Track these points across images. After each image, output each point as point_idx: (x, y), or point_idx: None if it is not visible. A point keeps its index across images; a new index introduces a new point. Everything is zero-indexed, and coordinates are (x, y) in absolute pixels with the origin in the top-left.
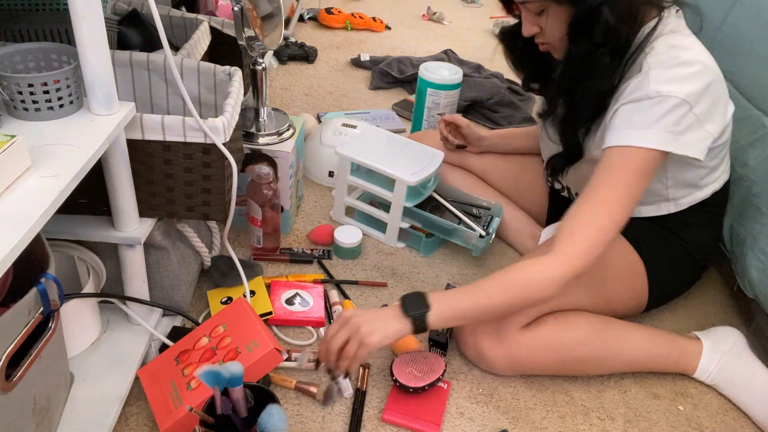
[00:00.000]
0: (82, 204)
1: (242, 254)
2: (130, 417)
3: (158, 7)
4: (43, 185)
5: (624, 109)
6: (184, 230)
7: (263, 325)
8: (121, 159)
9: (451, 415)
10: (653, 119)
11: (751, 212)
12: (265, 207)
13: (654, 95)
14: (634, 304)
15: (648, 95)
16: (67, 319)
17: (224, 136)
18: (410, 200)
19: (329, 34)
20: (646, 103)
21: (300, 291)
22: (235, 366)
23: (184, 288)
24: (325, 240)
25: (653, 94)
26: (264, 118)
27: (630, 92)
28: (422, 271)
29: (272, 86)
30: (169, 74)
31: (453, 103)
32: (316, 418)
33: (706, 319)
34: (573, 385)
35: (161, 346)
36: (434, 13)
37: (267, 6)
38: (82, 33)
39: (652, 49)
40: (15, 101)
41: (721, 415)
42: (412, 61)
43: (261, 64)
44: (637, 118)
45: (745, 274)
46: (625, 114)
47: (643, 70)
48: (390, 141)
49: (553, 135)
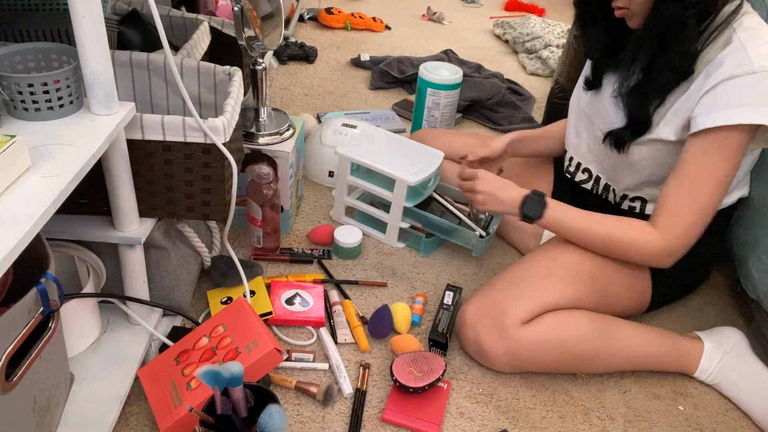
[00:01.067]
0: (82, 204)
1: (242, 254)
2: (130, 417)
3: (158, 7)
4: (43, 185)
5: (725, 87)
6: (184, 230)
7: (263, 325)
8: (121, 159)
9: (451, 415)
10: (760, 94)
11: (753, 214)
12: (265, 207)
13: (759, 70)
14: (636, 304)
15: (753, 70)
16: (67, 319)
17: (224, 136)
18: (410, 200)
19: (329, 34)
20: (751, 78)
21: (300, 291)
22: (235, 366)
23: (184, 288)
24: (325, 240)
25: (758, 69)
26: (264, 118)
27: (728, 68)
28: (422, 271)
29: (272, 86)
30: (169, 74)
31: (453, 103)
32: (316, 418)
33: (707, 319)
34: (573, 385)
35: (161, 346)
36: (434, 13)
37: (267, 6)
38: (82, 33)
39: (740, 24)
40: (15, 101)
41: (721, 415)
42: (412, 61)
43: (261, 64)
44: (742, 93)
45: (748, 276)
46: (729, 91)
47: (734, 43)
48: (390, 141)
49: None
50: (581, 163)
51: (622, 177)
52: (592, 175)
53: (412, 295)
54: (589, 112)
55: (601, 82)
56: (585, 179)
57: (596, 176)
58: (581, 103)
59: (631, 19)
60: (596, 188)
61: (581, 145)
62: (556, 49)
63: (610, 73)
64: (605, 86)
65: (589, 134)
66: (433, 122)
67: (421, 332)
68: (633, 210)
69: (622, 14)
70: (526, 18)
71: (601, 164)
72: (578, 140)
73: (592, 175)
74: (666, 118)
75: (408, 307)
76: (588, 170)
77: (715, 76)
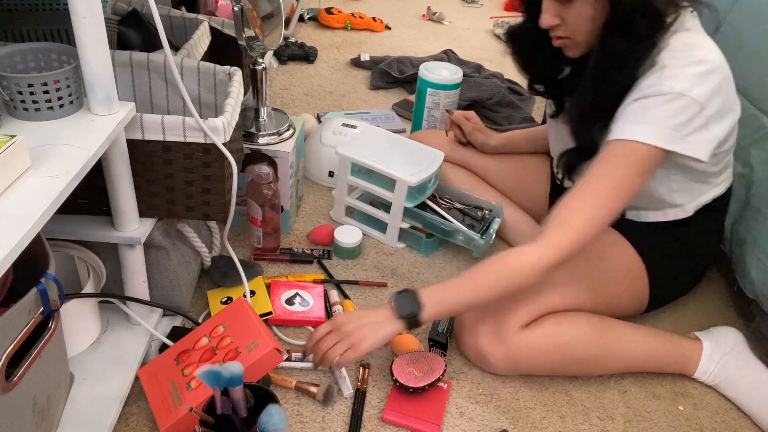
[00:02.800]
0: (82, 204)
1: (242, 254)
2: (130, 417)
3: (158, 7)
4: (43, 185)
5: (635, 105)
6: (184, 230)
7: (263, 325)
8: (121, 159)
9: (451, 415)
10: (663, 116)
11: (752, 213)
12: (265, 207)
13: (668, 92)
14: (634, 306)
15: (661, 91)
16: (67, 319)
17: (224, 136)
18: (410, 200)
19: (329, 34)
20: (658, 99)
21: (300, 291)
22: (235, 366)
23: (184, 288)
24: (325, 240)
25: (667, 90)
26: (264, 118)
27: (644, 87)
28: (422, 271)
29: (272, 86)
30: (169, 74)
31: (453, 103)
32: (316, 418)
33: (706, 319)
34: (573, 385)
35: (161, 346)
36: (434, 13)
37: (267, 6)
38: (82, 33)
39: (668, 45)
40: (15, 101)
41: (721, 415)
42: (412, 61)
43: (261, 64)
44: (646, 113)
45: (746, 275)
46: (635, 109)
47: (657, 65)
48: (390, 141)
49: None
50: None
51: None
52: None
53: None
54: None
55: (563, 107)
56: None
57: None
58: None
59: (570, 49)
60: None
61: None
62: None
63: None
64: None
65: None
66: (433, 122)
67: (421, 332)
68: None
69: (562, 44)
70: None
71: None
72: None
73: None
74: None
75: None
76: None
77: (631, 95)
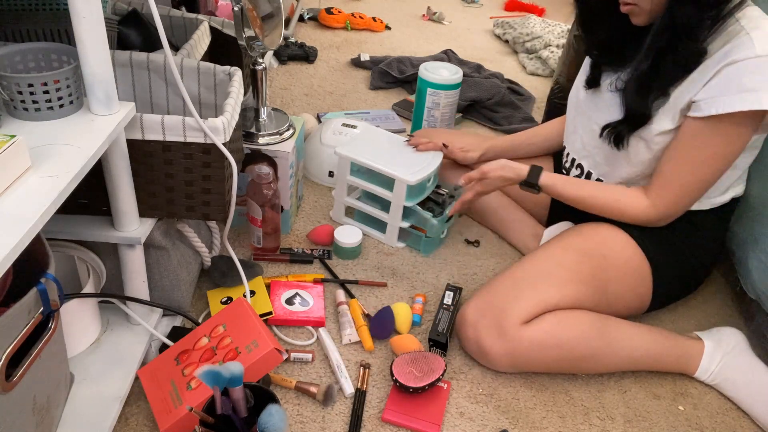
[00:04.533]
0: (82, 204)
1: (242, 254)
2: (130, 417)
3: (158, 7)
4: (43, 185)
5: (728, 71)
6: (184, 230)
7: (263, 325)
8: (121, 159)
9: (451, 415)
10: (764, 80)
11: (753, 213)
12: (265, 207)
13: (762, 54)
14: (636, 305)
15: (756, 54)
16: (67, 319)
17: (224, 136)
18: (410, 200)
19: (329, 34)
20: (753, 63)
21: (300, 291)
22: (235, 366)
23: (184, 288)
24: (325, 240)
25: (761, 53)
26: (264, 118)
27: (733, 54)
28: (422, 271)
29: (272, 86)
30: (169, 74)
31: (453, 103)
32: (316, 418)
33: (707, 318)
34: (573, 385)
35: (161, 346)
36: (434, 13)
37: (267, 6)
38: (82, 33)
39: (744, 15)
40: (15, 101)
41: (721, 415)
42: (412, 61)
43: (261, 64)
44: (746, 80)
45: (747, 275)
46: (732, 76)
47: (739, 31)
48: (390, 141)
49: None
50: (575, 158)
51: (617, 170)
52: (584, 170)
53: (412, 295)
54: (587, 108)
55: (600, 80)
56: (577, 175)
57: (588, 172)
58: (579, 99)
59: (638, 16)
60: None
61: (576, 141)
62: (556, 49)
63: (608, 71)
64: (604, 83)
65: (584, 130)
66: (433, 122)
67: (421, 332)
68: None
69: (629, 10)
70: (526, 18)
71: (594, 159)
72: (574, 136)
73: (584, 170)
74: (664, 107)
75: (409, 308)
76: (580, 166)
77: (719, 60)
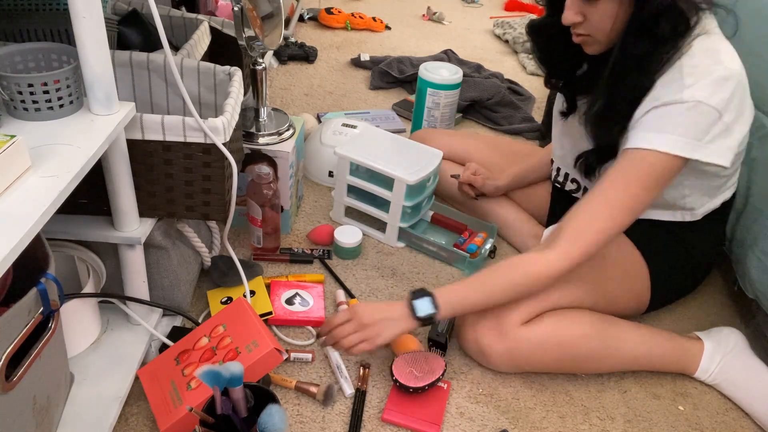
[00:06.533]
0: (82, 204)
1: (242, 254)
2: (130, 417)
3: (158, 7)
4: (43, 185)
5: (654, 113)
6: (184, 230)
7: (263, 325)
8: (121, 159)
9: (451, 415)
10: (683, 124)
11: (752, 213)
12: (265, 207)
13: (688, 100)
14: (635, 305)
15: (681, 99)
16: (67, 319)
17: (224, 136)
18: (410, 199)
19: (329, 34)
20: (677, 108)
21: (300, 291)
22: (235, 366)
23: (184, 288)
24: (325, 240)
25: (687, 99)
26: (264, 118)
27: (663, 95)
28: (422, 271)
29: (272, 86)
30: (169, 74)
31: (453, 103)
32: (316, 418)
33: (706, 318)
34: (573, 385)
35: (161, 346)
36: (434, 13)
37: (267, 6)
38: (82, 33)
39: (689, 49)
40: (15, 101)
41: (721, 415)
42: (412, 61)
43: (261, 64)
44: (666, 122)
45: (746, 275)
46: (655, 117)
47: (676, 70)
48: (389, 141)
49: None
50: (568, 173)
51: None
52: (580, 185)
53: None
54: (570, 130)
55: (575, 106)
56: (574, 189)
57: (584, 187)
58: (560, 124)
59: (591, 46)
60: None
61: (566, 156)
62: None
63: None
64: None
65: (572, 146)
66: (433, 122)
67: (421, 332)
68: None
69: (582, 41)
70: (526, 18)
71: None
72: (563, 152)
73: (580, 185)
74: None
75: None
76: (576, 180)
77: (650, 102)
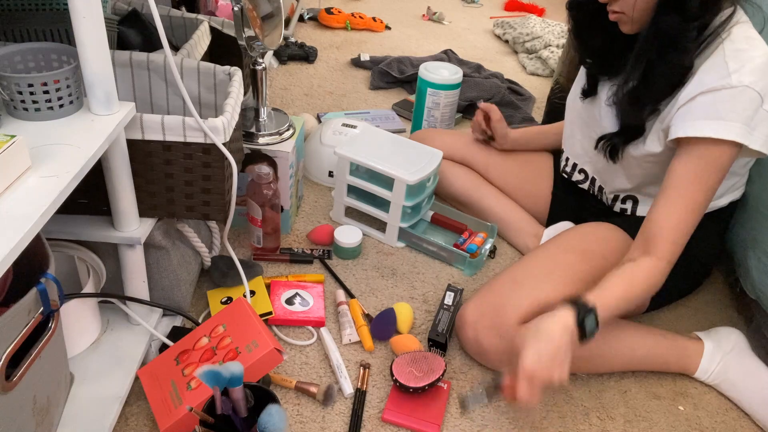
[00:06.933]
0: (82, 204)
1: (242, 254)
2: (130, 417)
3: (158, 7)
4: (43, 185)
5: (703, 99)
6: (184, 230)
7: (263, 325)
8: (121, 159)
9: (451, 415)
10: (736, 111)
11: (753, 213)
12: (265, 207)
13: (736, 84)
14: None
15: (730, 84)
16: (67, 319)
17: (224, 136)
18: (410, 199)
19: (329, 34)
20: (728, 93)
21: (300, 291)
22: (235, 366)
23: (184, 288)
24: (325, 240)
25: (735, 83)
26: (264, 118)
27: (709, 80)
28: (422, 271)
29: (272, 86)
30: (169, 74)
31: (453, 103)
32: (316, 418)
33: (707, 319)
34: (573, 385)
35: (161, 346)
36: (434, 13)
37: (267, 6)
38: (82, 33)
39: (729, 35)
40: (15, 101)
41: (721, 415)
42: (412, 61)
43: (261, 64)
44: (719, 108)
45: (747, 275)
46: (706, 103)
47: (719, 55)
48: (389, 141)
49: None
50: (577, 163)
51: (613, 180)
52: (588, 175)
53: (413, 295)
54: (586, 116)
55: (596, 89)
56: (581, 179)
57: (592, 177)
58: (577, 107)
59: (626, 25)
60: (592, 189)
61: (575, 146)
62: (556, 49)
63: (604, 80)
64: (600, 93)
65: (583, 136)
66: (433, 122)
67: (421, 332)
68: (625, 212)
69: (617, 18)
70: (526, 18)
71: (595, 165)
72: (573, 140)
73: (588, 175)
74: (654, 126)
75: (410, 308)
76: (584, 171)
77: (695, 87)
